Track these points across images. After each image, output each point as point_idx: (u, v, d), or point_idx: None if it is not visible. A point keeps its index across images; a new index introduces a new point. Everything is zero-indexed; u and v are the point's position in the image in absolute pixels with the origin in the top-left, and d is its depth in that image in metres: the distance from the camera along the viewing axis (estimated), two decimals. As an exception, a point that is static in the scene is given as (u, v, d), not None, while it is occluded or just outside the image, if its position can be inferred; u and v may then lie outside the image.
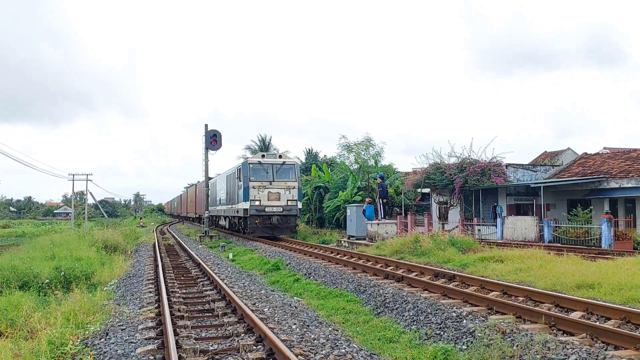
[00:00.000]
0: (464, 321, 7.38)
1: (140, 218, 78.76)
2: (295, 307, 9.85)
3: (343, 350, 6.74)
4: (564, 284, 9.97)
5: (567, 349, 5.87)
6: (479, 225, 25.52)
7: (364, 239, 21.72)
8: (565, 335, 6.64)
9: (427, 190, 30.92)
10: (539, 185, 24.27)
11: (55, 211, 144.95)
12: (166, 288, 10.92)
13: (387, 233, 20.43)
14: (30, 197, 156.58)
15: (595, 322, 7.15)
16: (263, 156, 26.08)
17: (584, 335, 6.38)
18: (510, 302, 8.27)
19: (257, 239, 25.31)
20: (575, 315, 7.50)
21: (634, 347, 5.76)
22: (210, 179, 34.96)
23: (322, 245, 21.82)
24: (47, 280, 12.37)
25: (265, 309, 9.43)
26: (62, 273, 12.67)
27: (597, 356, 5.60)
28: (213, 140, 31.20)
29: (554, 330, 6.82)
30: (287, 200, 24.76)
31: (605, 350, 5.92)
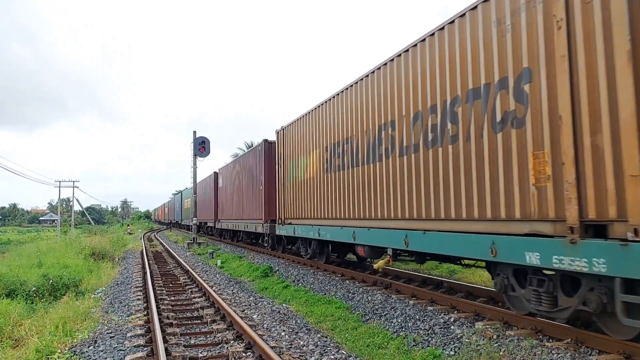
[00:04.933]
0: (452, 327, 7.46)
1: (128, 225, 78.15)
2: (285, 313, 9.87)
3: (332, 357, 6.79)
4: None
5: (553, 354, 5.98)
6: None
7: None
8: (551, 340, 6.74)
9: None
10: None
11: (41, 218, 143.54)
12: (155, 295, 10.89)
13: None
14: (15, 204, 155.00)
15: (581, 328, 7.26)
16: None
17: (569, 340, 6.49)
18: (497, 308, 8.37)
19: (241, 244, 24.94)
20: (561, 321, 7.61)
21: (617, 352, 5.89)
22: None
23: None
24: (34, 288, 12.27)
25: (255, 316, 9.46)
26: (50, 281, 12.57)
27: (582, 361, 5.72)
28: (201, 147, 31.19)
29: (540, 336, 6.93)
30: None
31: (590, 355, 6.03)
